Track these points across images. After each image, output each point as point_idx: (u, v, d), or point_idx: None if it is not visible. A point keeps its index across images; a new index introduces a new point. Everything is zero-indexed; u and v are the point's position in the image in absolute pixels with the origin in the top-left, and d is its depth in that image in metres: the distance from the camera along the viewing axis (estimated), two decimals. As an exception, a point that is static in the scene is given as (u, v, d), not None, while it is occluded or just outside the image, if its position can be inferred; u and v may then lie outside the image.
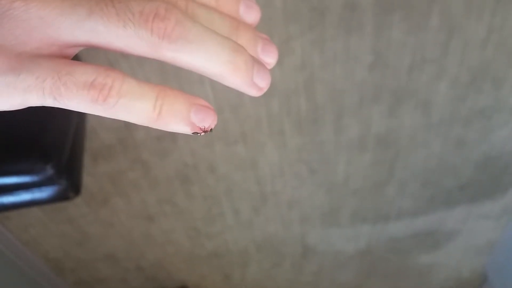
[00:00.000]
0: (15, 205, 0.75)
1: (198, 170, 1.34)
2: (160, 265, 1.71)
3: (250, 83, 0.20)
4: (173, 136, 1.22)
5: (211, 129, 0.20)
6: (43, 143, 0.70)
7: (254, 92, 0.20)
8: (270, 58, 0.22)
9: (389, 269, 2.05)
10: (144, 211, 1.44)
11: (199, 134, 0.20)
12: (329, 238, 1.77)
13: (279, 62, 1.10)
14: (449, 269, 2.10)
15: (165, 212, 1.47)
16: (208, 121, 0.20)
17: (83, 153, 0.83)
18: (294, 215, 1.60)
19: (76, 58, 0.21)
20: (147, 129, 1.19)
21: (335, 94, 1.19)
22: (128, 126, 1.17)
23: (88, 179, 1.28)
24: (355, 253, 1.89)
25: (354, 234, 1.76)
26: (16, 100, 0.18)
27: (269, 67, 0.22)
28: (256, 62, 0.20)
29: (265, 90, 0.21)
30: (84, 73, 0.18)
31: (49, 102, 0.18)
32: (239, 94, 1.15)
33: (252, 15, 0.22)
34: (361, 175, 1.46)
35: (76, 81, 0.18)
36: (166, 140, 1.23)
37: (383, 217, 1.68)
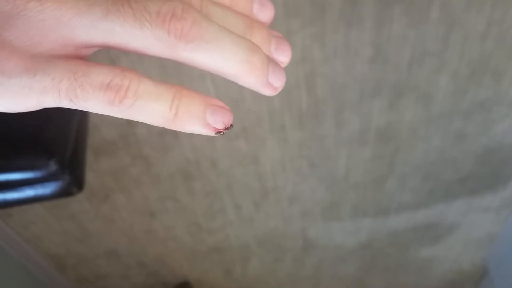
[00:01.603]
0: (18, 201, 0.75)
1: (200, 166, 1.34)
2: (162, 261, 1.72)
3: (265, 83, 0.20)
4: (174, 132, 1.22)
5: (231, 125, 0.20)
6: (46, 139, 0.70)
7: (269, 92, 0.20)
8: (284, 57, 0.22)
9: (389, 263, 2.06)
10: (145, 207, 1.44)
11: (221, 133, 0.20)
12: (330, 232, 1.77)
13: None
14: (450, 262, 2.11)
15: (167, 208, 1.47)
16: (224, 121, 0.19)
17: (86, 148, 0.83)
18: (295, 209, 1.60)
19: None
20: (148, 125, 1.19)
21: (336, 88, 1.19)
22: (130, 122, 1.17)
23: (89, 175, 1.28)
24: (356, 247, 1.89)
25: (354, 228, 1.76)
26: (31, 101, 0.18)
27: (283, 65, 0.22)
28: (271, 61, 0.20)
29: (280, 90, 0.20)
30: (100, 74, 0.18)
31: (64, 104, 0.18)
32: (240, 90, 1.15)
33: (265, 13, 0.22)
34: (361, 169, 1.47)
35: (92, 82, 0.17)
36: (167, 136, 1.23)
37: (383, 211, 1.68)
